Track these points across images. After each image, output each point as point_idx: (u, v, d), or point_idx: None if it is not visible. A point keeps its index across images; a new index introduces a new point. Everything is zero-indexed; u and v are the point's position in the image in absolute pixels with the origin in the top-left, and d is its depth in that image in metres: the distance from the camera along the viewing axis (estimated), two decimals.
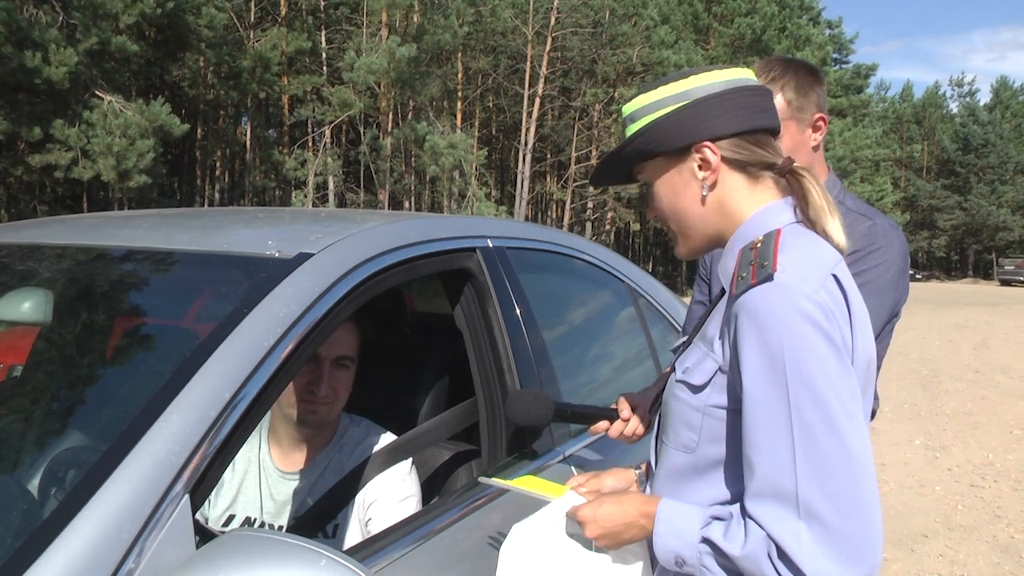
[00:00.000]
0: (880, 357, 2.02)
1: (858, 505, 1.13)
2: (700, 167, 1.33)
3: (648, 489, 1.47)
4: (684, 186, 1.35)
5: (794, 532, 1.13)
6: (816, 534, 1.12)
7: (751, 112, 1.32)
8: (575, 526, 1.41)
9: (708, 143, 1.31)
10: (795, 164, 1.33)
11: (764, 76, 1.96)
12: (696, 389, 1.30)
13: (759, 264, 1.20)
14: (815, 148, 2.02)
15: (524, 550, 1.42)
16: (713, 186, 1.33)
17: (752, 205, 1.33)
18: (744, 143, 1.32)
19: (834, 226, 1.29)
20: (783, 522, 1.14)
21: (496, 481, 1.64)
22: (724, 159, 1.32)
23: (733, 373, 1.23)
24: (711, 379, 1.27)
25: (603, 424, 1.76)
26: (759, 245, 1.24)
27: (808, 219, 1.29)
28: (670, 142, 1.33)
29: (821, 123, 2.00)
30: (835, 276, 1.21)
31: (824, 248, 1.26)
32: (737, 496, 1.24)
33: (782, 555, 1.13)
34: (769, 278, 1.18)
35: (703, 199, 1.34)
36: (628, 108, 1.39)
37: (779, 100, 1.94)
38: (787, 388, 1.14)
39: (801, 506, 1.13)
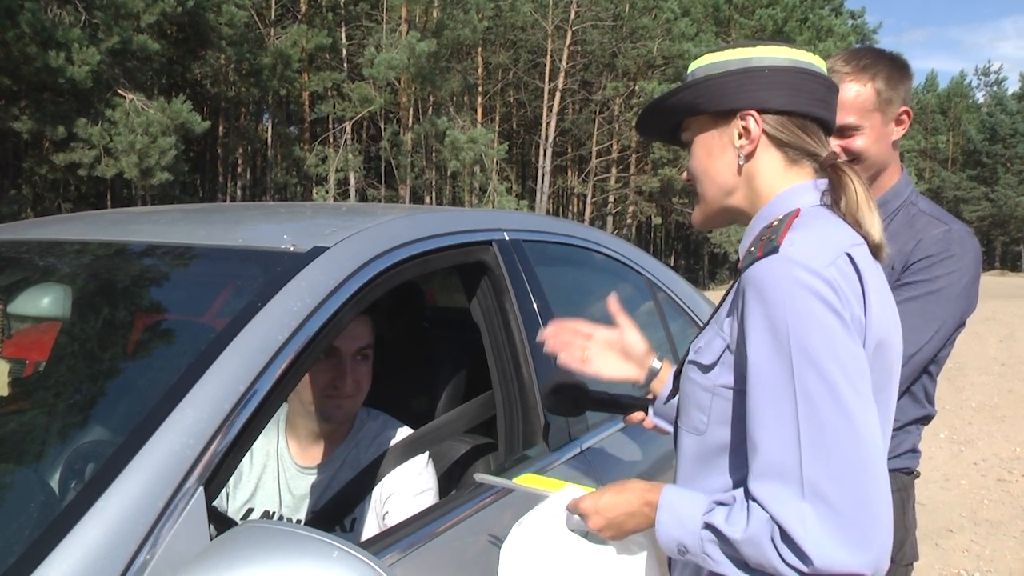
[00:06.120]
0: (940, 364, 1.99)
1: (866, 486, 1.08)
2: (740, 135, 1.30)
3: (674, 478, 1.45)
4: (721, 151, 1.33)
5: (798, 513, 1.07)
6: (822, 516, 1.06)
7: (807, 96, 1.28)
8: (575, 520, 1.39)
9: (754, 112, 1.28)
10: (839, 160, 1.29)
11: (852, 65, 1.90)
12: (706, 368, 1.27)
13: (768, 239, 1.18)
14: (894, 144, 1.97)
15: (524, 549, 1.40)
16: (749, 157, 1.30)
17: (781, 186, 1.30)
18: (791, 124, 1.28)
19: (870, 220, 1.24)
20: (787, 503, 1.08)
21: (494, 479, 1.62)
22: (766, 134, 1.29)
23: (740, 351, 1.19)
24: (719, 358, 1.24)
25: (639, 414, 1.74)
26: (775, 223, 1.21)
27: (841, 210, 1.24)
28: (717, 102, 1.30)
29: (905, 117, 1.94)
30: (850, 256, 1.17)
31: (842, 230, 1.21)
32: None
33: (785, 537, 1.07)
34: (775, 250, 1.14)
35: (738, 168, 1.31)
36: (693, 66, 1.36)
37: (868, 90, 1.88)
38: (791, 362, 1.10)
39: (806, 486, 1.07)
